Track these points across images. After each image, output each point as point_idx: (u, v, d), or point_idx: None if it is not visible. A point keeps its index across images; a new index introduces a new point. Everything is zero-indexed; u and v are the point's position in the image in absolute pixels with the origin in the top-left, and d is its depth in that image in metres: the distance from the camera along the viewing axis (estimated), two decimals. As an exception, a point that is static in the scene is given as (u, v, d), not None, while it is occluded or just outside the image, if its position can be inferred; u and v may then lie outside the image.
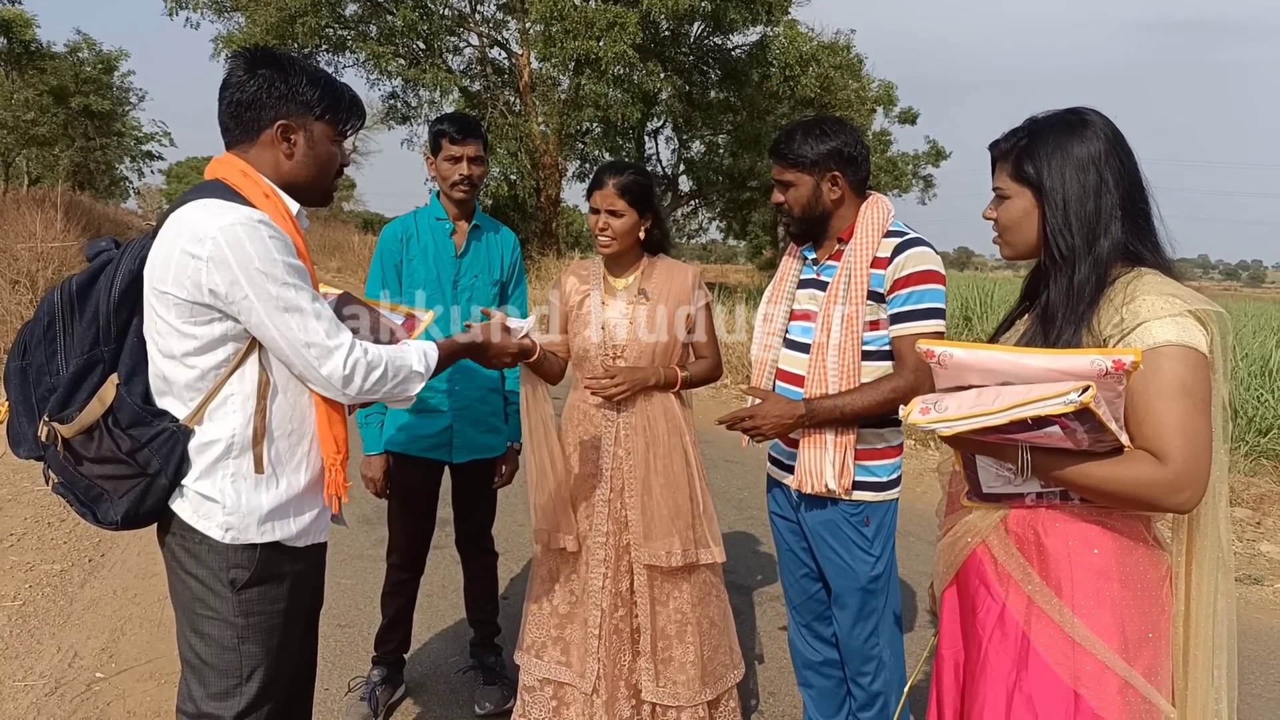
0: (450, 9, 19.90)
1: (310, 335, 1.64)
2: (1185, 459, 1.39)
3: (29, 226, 11.37)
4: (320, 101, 1.78)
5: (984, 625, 1.59)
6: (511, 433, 3.09)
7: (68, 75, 26.14)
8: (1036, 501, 1.55)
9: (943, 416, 1.46)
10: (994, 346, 1.52)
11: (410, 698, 3.17)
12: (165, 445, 1.66)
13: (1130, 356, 1.32)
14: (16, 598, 3.90)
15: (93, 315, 1.70)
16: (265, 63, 1.75)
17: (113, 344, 1.71)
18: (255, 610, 1.74)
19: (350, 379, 1.67)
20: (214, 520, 1.70)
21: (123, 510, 1.68)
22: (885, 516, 2.36)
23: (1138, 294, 1.46)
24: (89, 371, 1.70)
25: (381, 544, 3.21)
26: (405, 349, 1.80)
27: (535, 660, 2.62)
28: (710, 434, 3.41)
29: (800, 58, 19.74)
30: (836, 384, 2.27)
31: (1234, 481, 5.99)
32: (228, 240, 1.58)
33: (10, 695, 3.12)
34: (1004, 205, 1.64)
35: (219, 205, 1.64)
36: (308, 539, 1.83)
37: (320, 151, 1.81)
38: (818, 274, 2.41)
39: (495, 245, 3.02)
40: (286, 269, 1.62)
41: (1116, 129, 1.57)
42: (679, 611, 2.55)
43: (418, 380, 1.79)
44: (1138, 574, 1.50)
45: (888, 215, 2.32)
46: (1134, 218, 1.54)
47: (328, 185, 1.89)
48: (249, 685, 1.75)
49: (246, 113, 1.74)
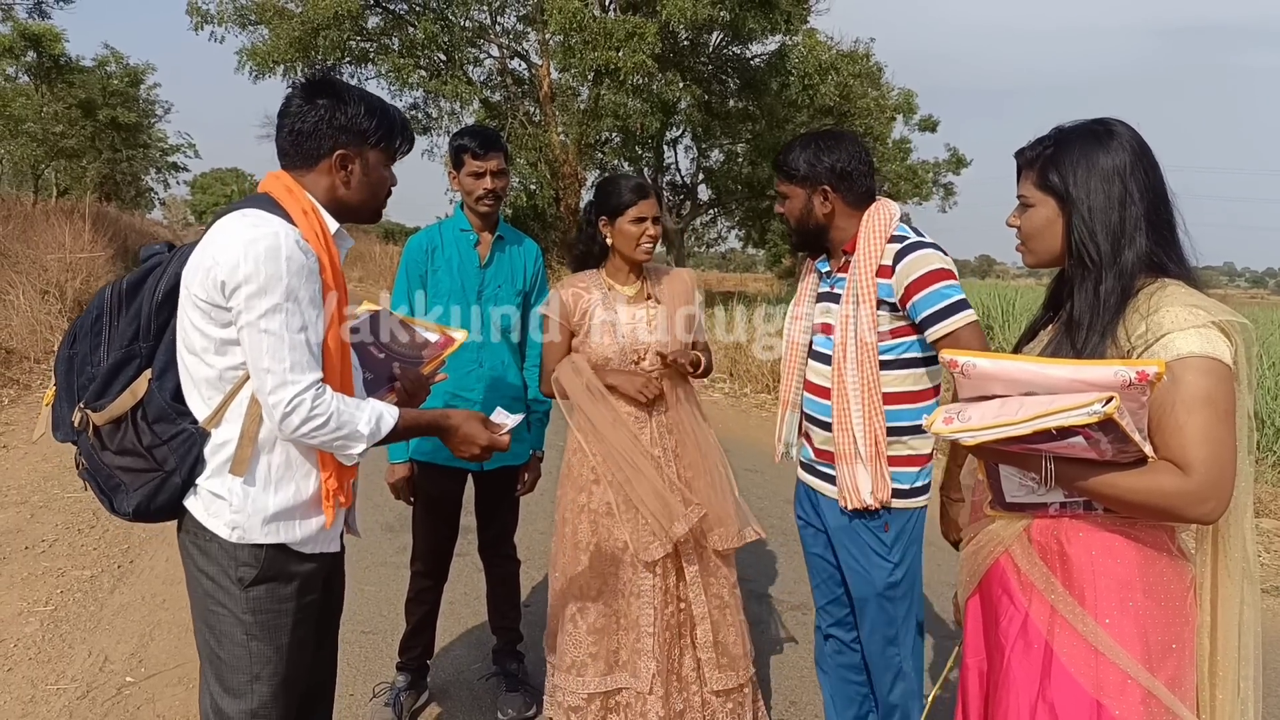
0: (471, 21, 20.06)
1: (272, 361, 1.65)
2: (1209, 470, 1.38)
3: (58, 237, 11.56)
4: (376, 130, 1.84)
5: (1007, 634, 1.60)
6: (534, 441, 3.12)
7: (96, 88, 26.57)
8: (1060, 511, 1.55)
9: (966, 426, 1.46)
10: (1018, 356, 1.53)
11: (434, 703, 3.20)
12: (183, 445, 1.73)
13: (1154, 367, 1.32)
14: (48, 603, 3.97)
15: (136, 312, 1.78)
16: (324, 92, 1.81)
17: (151, 341, 1.78)
18: (263, 608, 1.79)
19: (289, 416, 1.66)
20: (221, 518, 1.75)
21: (135, 503, 1.75)
22: (907, 524, 2.35)
23: (1161, 305, 1.46)
24: (126, 364, 1.78)
25: (405, 551, 3.24)
26: (359, 410, 1.74)
27: (578, 679, 2.65)
28: (729, 441, 3.42)
29: (819, 66, 19.71)
30: (857, 395, 2.27)
31: (1261, 492, 5.92)
32: (245, 250, 1.63)
33: (43, 699, 3.17)
34: (1028, 213, 1.65)
35: (256, 216, 1.71)
36: (315, 546, 1.85)
37: (374, 178, 1.89)
38: (831, 287, 2.43)
39: (519, 256, 3.06)
40: (287, 292, 1.65)
41: (1143, 140, 1.58)
42: (718, 596, 2.69)
43: (360, 441, 1.74)
44: (1161, 584, 1.50)
45: (890, 220, 2.31)
46: (1159, 229, 1.55)
47: (378, 206, 1.95)
48: (259, 683, 1.79)
49: (306, 142, 1.81)
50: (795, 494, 2.63)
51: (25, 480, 5.72)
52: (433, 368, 2.20)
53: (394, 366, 2.14)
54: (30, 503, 5.31)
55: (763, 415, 8.98)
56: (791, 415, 2.53)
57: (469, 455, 1.92)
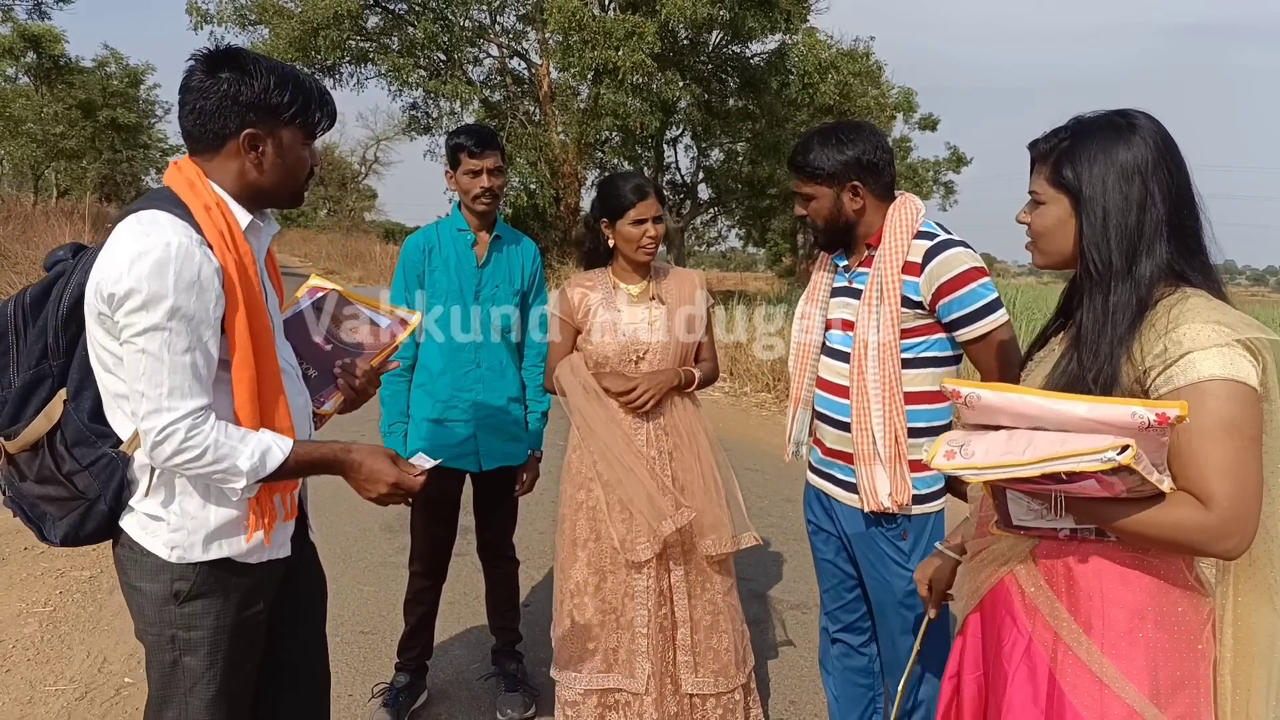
0: (470, 20, 20.06)
1: (147, 385, 1.51)
2: (1232, 503, 1.28)
3: (58, 238, 11.61)
4: (289, 105, 1.65)
5: (1009, 658, 1.52)
6: (532, 441, 3.11)
7: (95, 89, 26.63)
8: (1070, 536, 1.46)
9: (970, 464, 1.36)
10: (1025, 390, 1.39)
11: (433, 704, 3.19)
12: (104, 471, 1.62)
13: (1175, 410, 1.21)
14: (47, 603, 3.96)
15: (42, 328, 1.63)
16: (228, 64, 1.61)
17: (61, 358, 1.64)
18: (196, 624, 1.68)
19: (160, 445, 1.52)
20: (160, 538, 1.64)
21: (62, 532, 1.65)
22: (925, 529, 2.26)
23: (1182, 320, 1.34)
24: (37, 385, 1.64)
25: (403, 552, 3.24)
26: (243, 443, 1.58)
27: (574, 674, 2.65)
28: (729, 441, 3.42)
29: (819, 65, 19.71)
30: (878, 393, 2.18)
31: None
32: (130, 264, 1.49)
33: (41, 700, 3.17)
34: (1039, 211, 1.52)
35: (151, 221, 1.55)
36: (262, 555, 1.74)
37: (290, 159, 1.70)
38: (850, 281, 2.34)
39: (516, 255, 3.05)
40: (170, 311, 1.49)
41: (1168, 135, 1.45)
42: (711, 602, 2.66)
43: (239, 477, 1.57)
44: (1175, 616, 1.40)
45: (916, 215, 2.22)
46: (1182, 236, 1.42)
47: (297, 189, 1.76)
48: (191, 702, 1.70)
49: (211, 122, 1.61)
50: (805, 497, 2.56)
51: (25, 481, 5.71)
52: (383, 357, 2.01)
53: (336, 363, 1.97)
54: (29, 503, 5.30)
55: (762, 415, 8.97)
56: (803, 413, 2.46)
57: (373, 495, 1.71)
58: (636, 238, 2.62)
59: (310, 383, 1.93)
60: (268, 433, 1.63)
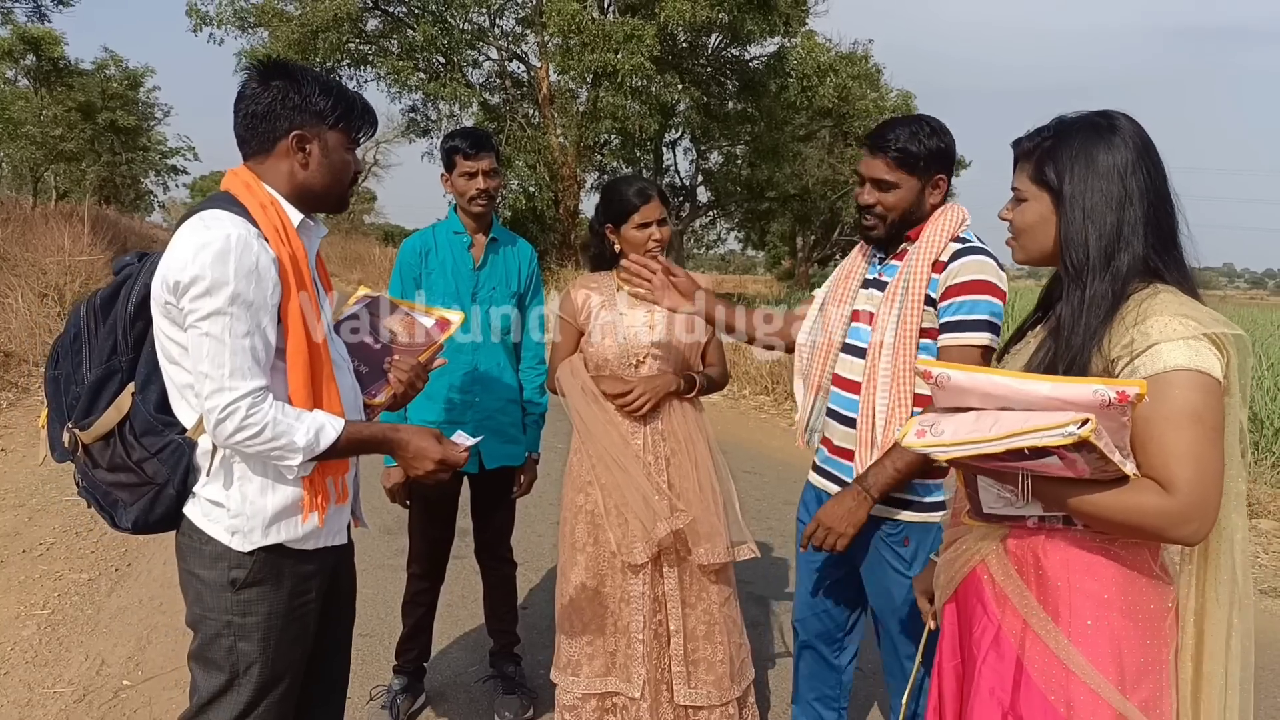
0: (469, 23, 20.09)
1: (211, 366, 1.62)
2: (1193, 489, 1.32)
3: (57, 240, 11.58)
4: (333, 110, 1.79)
5: (979, 644, 1.55)
6: (529, 443, 3.11)
7: (95, 91, 26.60)
8: (1038, 525, 1.50)
9: (939, 441, 1.41)
10: (993, 370, 1.46)
11: (431, 706, 3.20)
12: (172, 457, 1.73)
13: (1135, 388, 1.25)
14: (45, 606, 3.96)
15: (111, 326, 1.78)
16: (278, 74, 1.77)
17: (130, 354, 1.77)
18: (251, 610, 1.78)
19: (223, 423, 1.62)
20: (221, 524, 1.75)
21: (133, 517, 1.76)
22: (927, 537, 2.22)
23: (1150, 314, 1.39)
24: (108, 380, 1.77)
25: (402, 554, 3.24)
26: (299, 421, 1.68)
27: (573, 678, 2.65)
28: (728, 444, 3.42)
29: (818, 68, 19.79)
30: (888, 390, 2.15)
31: (1261, 493, 5.91)
32: (195, 254, 1.61)
33: (39, 702, 3.17)
34: (1020, 207, 1.56)
35: (212, 218, 1.67)
36: (316, 541, 1.84)
37: (335, 160, 1.83)
38: (880, 274, 2.28)
39: (513, 258, 3.06)
40: (232, 297, 1.61)
41: (1147, 137, 1.49)
42: (707, 613, 2.63)
43: (296, 454, 1.68)
44: (1140, 605, 1.44)
45: (961, 222, 2.19)
46: (1158, 233, 1.46)
47: (342, 192, 1.90)
48: (243, 685, 1.78)
49: (261, 124, 1.76)
50: (802, 496, 2.52)
51: (23, 483, 5.71)
52: (430, 354, 2.15)
53: (386, 359, 2.10)
54: (28, 506, 5.31)
55: (761, 417, 8.97)
56: (821, 401, 2.38)
57: (420, 472, 1.83)
58: (641, 241, 2.61)
59: (362, 378, 2.05)
60: (321, 412, 1.74)
